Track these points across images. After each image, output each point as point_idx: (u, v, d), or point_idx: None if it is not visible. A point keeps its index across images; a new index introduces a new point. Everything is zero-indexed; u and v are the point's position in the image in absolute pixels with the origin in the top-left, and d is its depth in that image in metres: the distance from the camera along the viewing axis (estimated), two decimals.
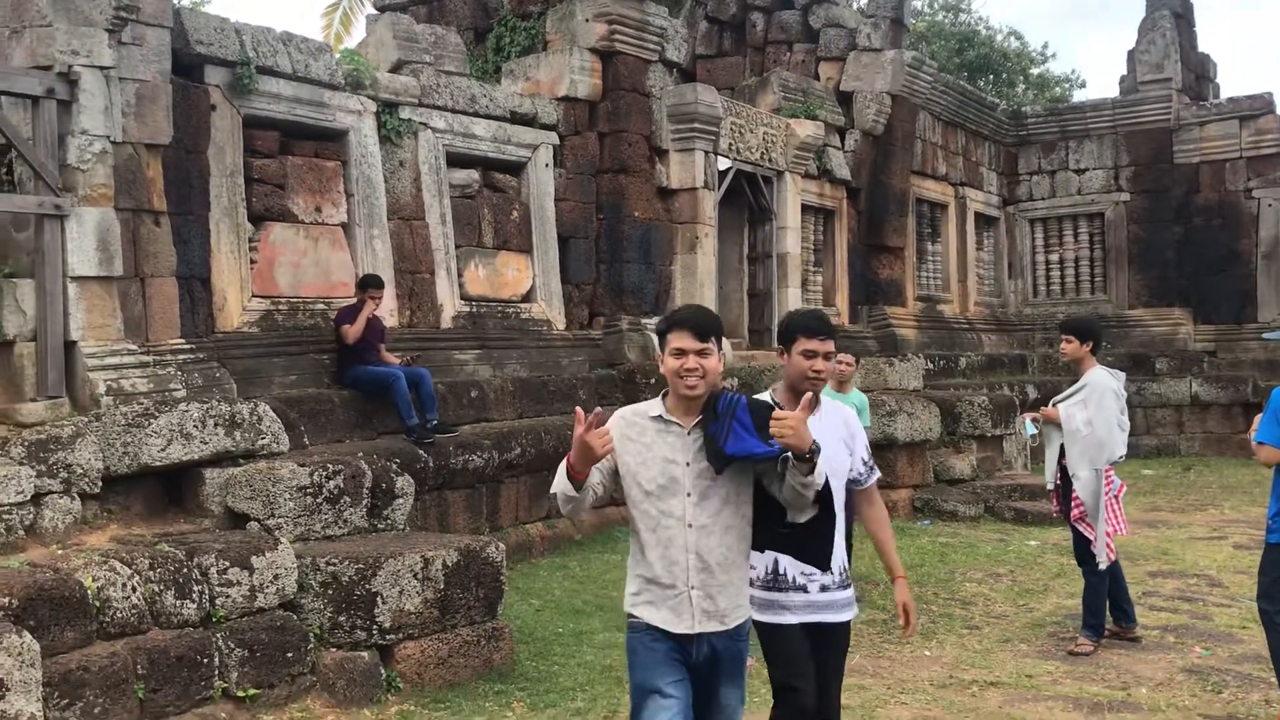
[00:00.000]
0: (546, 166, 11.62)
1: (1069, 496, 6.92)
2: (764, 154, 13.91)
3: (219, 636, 5.51)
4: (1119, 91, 19.57)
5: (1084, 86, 32.69)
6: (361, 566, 5.95)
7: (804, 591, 3.88)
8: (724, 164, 13.24)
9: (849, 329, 15.62)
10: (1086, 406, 6.88)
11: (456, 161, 10.85)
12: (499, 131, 11.14)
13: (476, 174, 11.11)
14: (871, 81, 16.14)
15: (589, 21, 12.00)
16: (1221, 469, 15.34)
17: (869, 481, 4.14)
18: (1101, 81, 42.76)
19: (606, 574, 8.85)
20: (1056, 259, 19.83)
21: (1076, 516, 6.83)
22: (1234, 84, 41.35)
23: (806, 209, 15.16)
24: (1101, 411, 6.84)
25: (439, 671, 6.07)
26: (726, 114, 13.08)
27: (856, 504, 4.15)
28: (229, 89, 8.65)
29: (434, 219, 10.49)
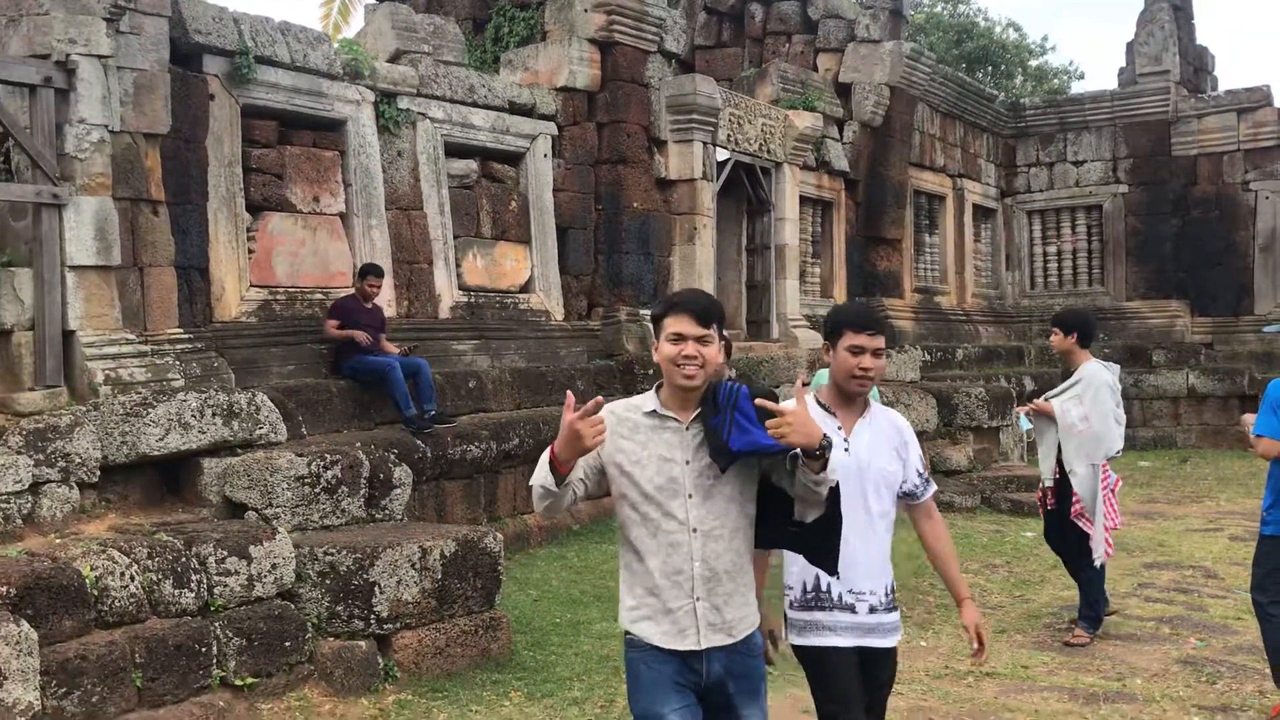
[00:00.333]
0: (545, 157, 11.62)
1: (1068, 493, 6.85)
2: (762, 145, 13.91)
3: (217, 625, 5.52)
4: (1117, 83, 19.59)
5: (1082, 78, 32.64)
6: (359, 556, 5.97)
7: (851, 612, 3.56)
8: (722, 155, 13.24)
9: None
10: (1082, 402, 6.79)
11: (455, 152, 10.84)
12: (497, 122, 11.13)
13: (475, 164, 11.11)
14: (870, 73, 16.13)
15: (588, 12, 11.98)
16: (1218, 461, 15.38)
17: (925, 495, 3.75)
18: (1100, 74, 42.76)
19: (604, 564, 8.87)
20: (1054, 251, 19.85)
21: (1076, 513, 6.80)
22: (1232, 77, 41.33)
23: (805, 200, 15.17)
24: (1097, 406, 6.77)
25: (436, 661, 6.09)
26: (725, 105, 13.08)
27: (913, 519, 3.78)
28: (227, 78, 8.64)
29: (432, 209, 10.49)
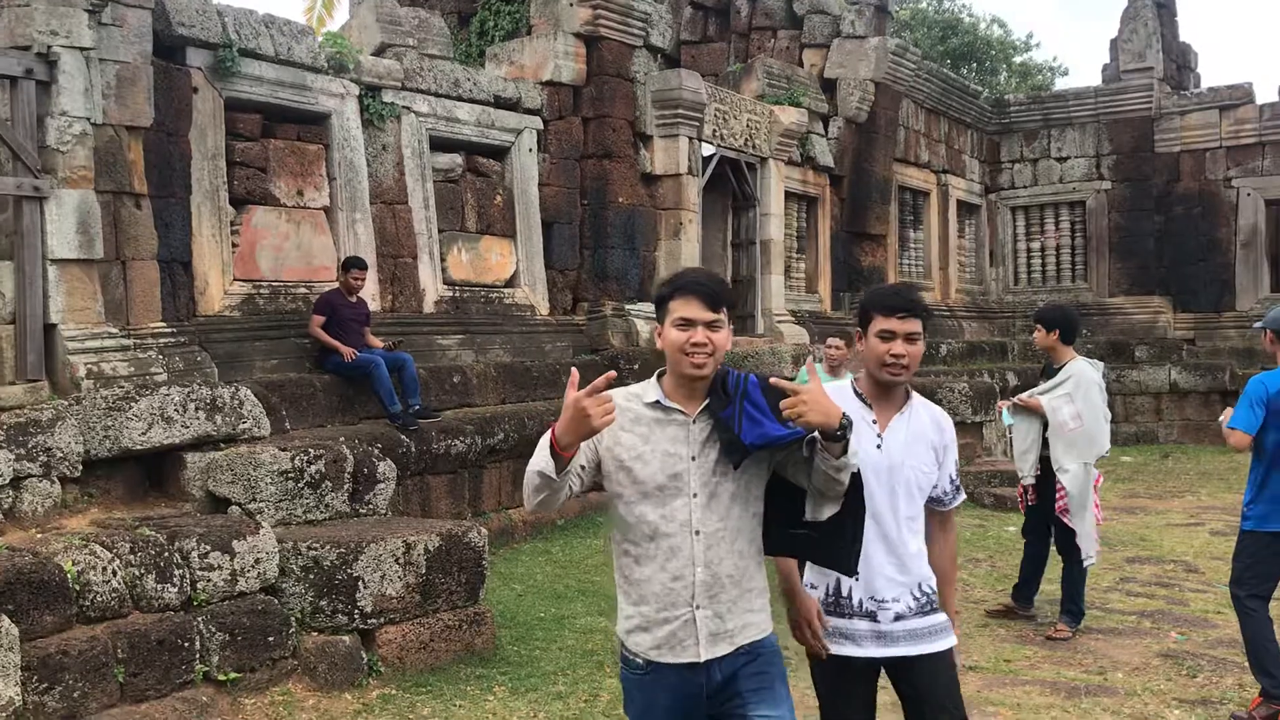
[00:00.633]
0: (530, 151, 11.60)
1: (1052, 490, 6.87)
2: (748, 140, 13.91)
3: (200, 620, 5.50)
4: (1101, 80, 19.67)
5: (1066, 75, 32.82)
6: (343, 551, 5.96)
7: (872, 619, 3.25)
8: (708, 150, 13.24)
9: (831, 316, 15.66)
10: (1073, 400, 6.75)
11: (440, 145, 10.81)
12: (483, 116, 11.11)
13: (460, 158, 11.08)
14: (855, 69, 16.15)
15: (573, 6, 11.96)
16: (1199, 456, 15.47)
17: (952, 505, 3.48)
18: (1084, 70, 42.95)
19: (589, 558, 8.88)
20: (1038, 247, 19.92)
21: (1061, 509, 6.83)
22: (1214, 74, 41.57)
23: (790, 196, 15.18)
24: (1089, 406, 6.75)
25: (420, 656, 6.09)
26: (711, 100, 13.08)
27: (928, 524, 3.44)
28: (211, 71, 8.60)
29: (417, 203, 10.47)
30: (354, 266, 9.00)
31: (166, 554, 5.51)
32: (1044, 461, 6.93)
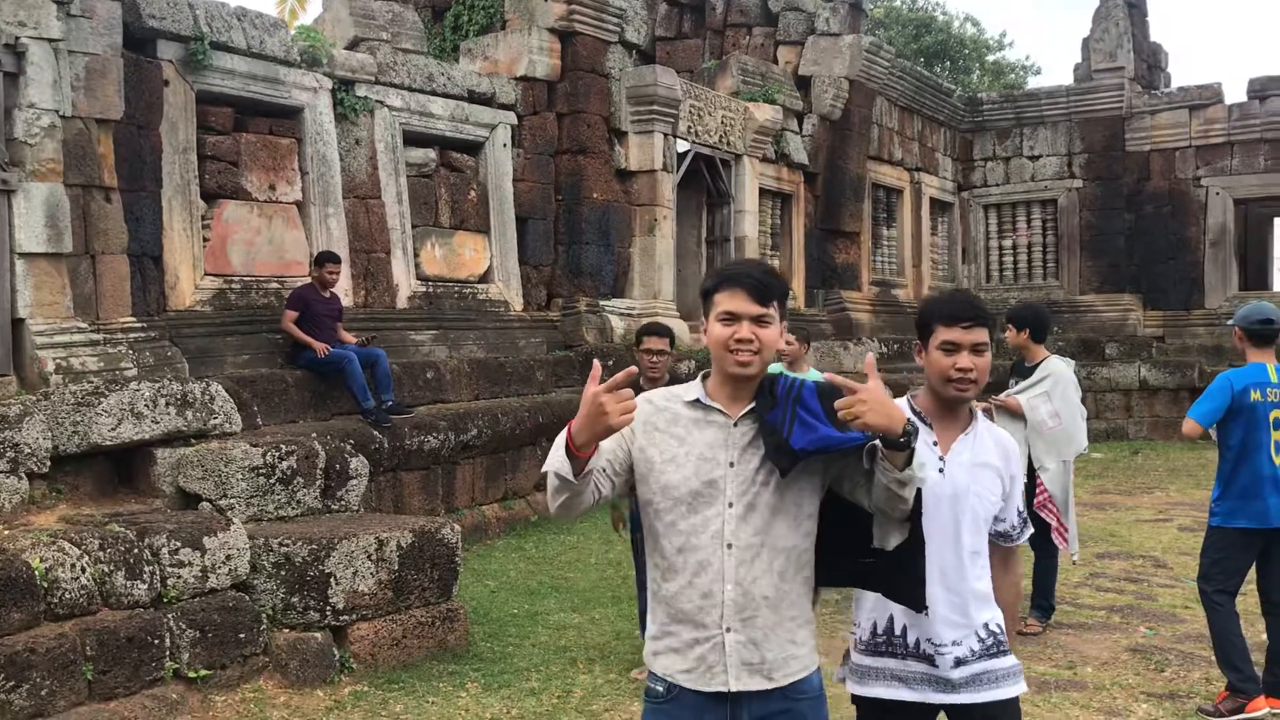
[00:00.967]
0: (504, 146, 11.57)
1: (1030, 486, 6.89)
2: (722, 137, 13.93)
3: (170, 617, 5.46)
4: (1073, 79, 19.80)
5: (1039, 74, 33.13)
6: (315, 547, 5.93)
7: (929, 664, 2.88)
8: (683, 147, 13.25)
9: (805, 313, 15.70)
10: (1051, 399, 6.76)
11: (413, 140, 10.77)
12: (457, 110, 11.08)
13: (433, 153, 11.05)
14: (830, 66, 16.19)
15: (548, 1, 11.94)
16: (1168, 452, 15.61)
17: (1019, 540, 3.09)
18: (1057, 69, 43.23)
19: (562, 555, 8.87)
20: (1010, 245, 20.05)
21: (1040, 504, 6.86)
22: (1184, 74, 41.92)
23: (764, 193, 15.21)
24: (1067, 404, 6.78)
25: (393, 652, 6.07)
26: (685, 97, 13.09)
27: (990, 558, 3.06)
28: (182, 64, 8.54)
29: (390, 198, 10.42)
30: (328, 261, 8.95)
31: (136, 550, 5.47)
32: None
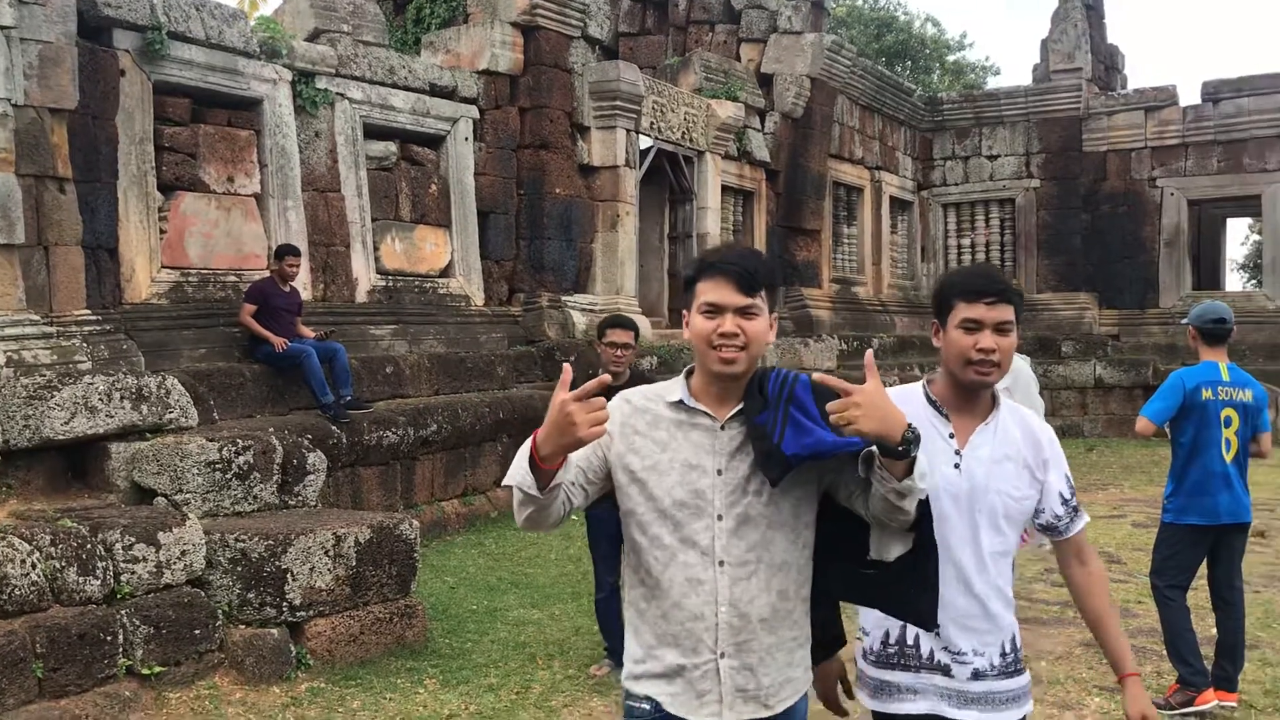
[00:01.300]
0: (466, 140, 11.52)
1: None
2: (685, 134, 13.94)
3: (123, 614, 5.39)
4: (1032, 80, 20.00)
5: (998, 74, 33.41)
6: (271, 543, 5.88)
7: (945, 674, 2.62)
8: (645, 143, 13.25)
9: None
10: (1013, 395, 6.87)
11: (374, 133, 10.70)
12: (418, 104, 11.01)
13: (394, 146, 10.98)
14: (792, 64, 16.25)
15: None
16: (1122, 449, 15.81)
17: (1074, 529, 2.72)
18: (1016, 70, 43.66)
19: (521, 551, 8.86)
20: (968, 243, 20.23)
21: None
22: (1141, 75, 42.48)
23: (726, 190, 15.25)
24: (1029, 400, 6.87)
25: (350, 649, 6.03)
26: (648, 93, 13.08)
27: (1059, 560, 2.81)
28: (139, 54, 8.42)
29: (350, 191, 10.35)
30: (288, 254, 8.87)
31: (89, 546, 5.40)
32: None
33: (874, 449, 2.20)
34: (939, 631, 2.57)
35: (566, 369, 2.23)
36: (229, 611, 5.84)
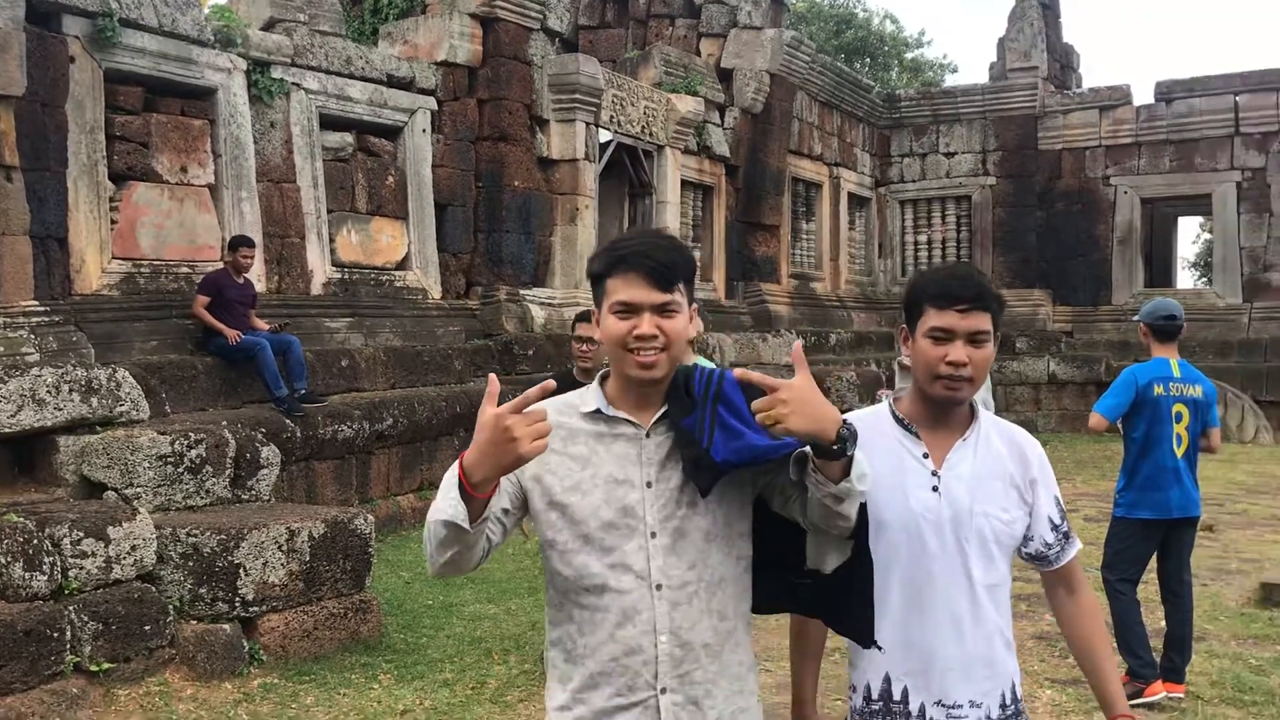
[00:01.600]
0: (424, 132, 11.44)
1: None
2: (645, 128, 13.93)
3: (72, 609, 5.31)
4: (989, 78, 20.18)
5: (956, 72, 33.72)
6: (224, 538, 5.81)
7: None
8: (605, 136, 13.23)
9: (725, 305, 15.79)
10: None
11: (330, 124, 10.60)
12: (375, 94, 10.92)
13: (351, 137, 10.88)
14: (751, 59, 16.28)
15: None
16: (1075, 445, 16.00)
17: (1065, 559, 2.43)
18: (973, 68, 44.08)
19: None
20: (925, 240, 20.37)
21: None
22: (1095, 75, 43.02)
23: (686, 185, 15.25)
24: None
25: (304, 644, 5.97)
26: (608, 86, 13.06)
27: (1046, 591, 2.52)
28: (90, 41, 8.29)
29: (305, 182, 10.24)
30: (242, 245, 8.77)
31: (36, 541, 5.31)
32: None
33: (807, 450, 1.98)
34: (881, 647, 2.30)
35: (493, 379, 1.97)
36: (180, 607, 5.77)
